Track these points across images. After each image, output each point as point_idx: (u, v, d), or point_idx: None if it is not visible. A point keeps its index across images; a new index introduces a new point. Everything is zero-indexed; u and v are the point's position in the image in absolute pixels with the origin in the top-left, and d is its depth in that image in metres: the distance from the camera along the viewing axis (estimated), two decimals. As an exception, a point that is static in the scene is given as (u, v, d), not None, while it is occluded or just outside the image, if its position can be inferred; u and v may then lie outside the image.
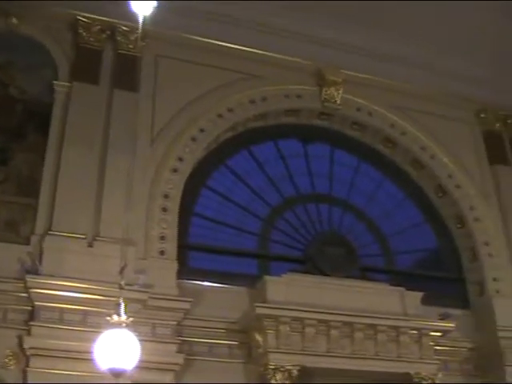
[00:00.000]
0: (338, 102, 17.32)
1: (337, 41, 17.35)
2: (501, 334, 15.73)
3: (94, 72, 15.48)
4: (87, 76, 15.30)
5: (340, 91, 17.30)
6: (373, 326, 14.47)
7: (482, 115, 18.91)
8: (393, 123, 17.82)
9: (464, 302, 16.89)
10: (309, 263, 15.82)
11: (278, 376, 13.42)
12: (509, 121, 19.05)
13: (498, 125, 18.94)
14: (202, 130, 15.86)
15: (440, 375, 14.69)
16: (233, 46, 16.81)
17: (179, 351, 13.35)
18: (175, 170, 15.15)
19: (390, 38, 17.38)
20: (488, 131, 18.83)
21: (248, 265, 15.73)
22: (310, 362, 13.80)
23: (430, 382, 14.43)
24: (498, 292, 16.63)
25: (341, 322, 14.24)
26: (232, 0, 16.34)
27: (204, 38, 16.56)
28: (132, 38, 15.78)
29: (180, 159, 15.31)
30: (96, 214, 13.88)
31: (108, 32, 15.92)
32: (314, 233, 16.54)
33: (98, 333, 9.53)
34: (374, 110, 17.67)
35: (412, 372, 14.43)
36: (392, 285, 15.64)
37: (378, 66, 17.66)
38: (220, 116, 16.18)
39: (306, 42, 17.26)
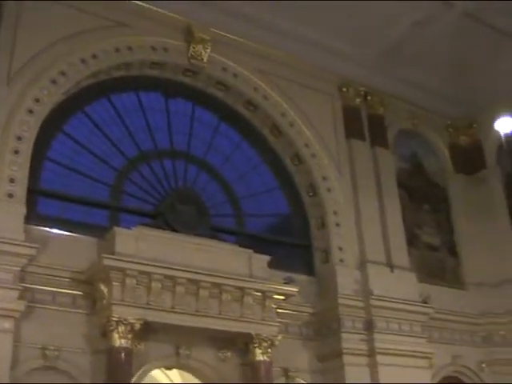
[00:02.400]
0: (205, 60, 17.18)
1: (209, -1, 17.21)
2: (340, 301, 16.36)
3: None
4: None
5: (208, 49, 17.16)
6: (218, 285, 14.64)
7: (344, 89, 19.35)
8: (256, 87, 17.89)
9: (309, 269, 17.42)
10: (160, 218, 15.73)
11: (121, 329, 13.32)
12: (369, 97, 19.62)
13: (358, 100, 19.46)
14: (62, 74, 15.27)
15: (280, 337, 15.08)
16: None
17: (21, 298, 12.97)
18: (31, 112, 14.52)
19: (262, 4, 17.32)
20: (348, 106, 19.31)
21: (99, 215, 15.47)
22: (154, 316, 13.80)
23: (269, 343, 14.80)
24: (341, 261, 17.23)
25: (187, 279, 14.30)
26: None
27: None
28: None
29: (37, 100, 14.68)
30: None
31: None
32: (167, 188, 16.47)
33: None
34: (239, 72, 17.67)
35: (253, 333, 14.75)
36: (241, 246, 15.85)
37: (248, 30, 17.68)
38: (83, 61, 15.63)
39: (178, -4, 17.00)
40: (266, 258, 15.68)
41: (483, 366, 18.60)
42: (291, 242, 17.69)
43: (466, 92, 20.61)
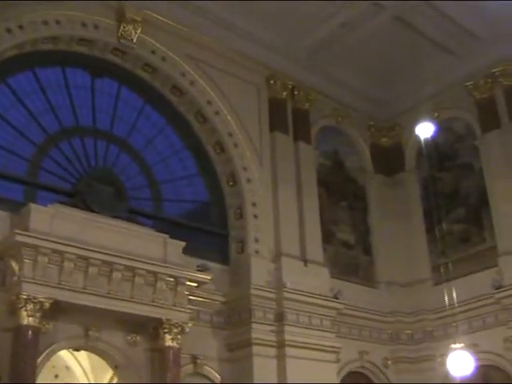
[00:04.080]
0: (134, 40, 16.95)
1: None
2: (253, 291, 16.48)
3: None
4: None
5: (138, 31, 16.92)
6: (131, 269, 14.54)
7: (272, 82, 19.40)
8: (184, 72, 17.79)
9: (224, 257, 17.47)
10: (77, 197, 15.47)
11: (29, 307, 13.08)
12: (295, 92, 19.74)
13: (284, 94, 19.54)
14: (-14, 42, 14.88)
15: (190, 324, 15.10)
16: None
17: None
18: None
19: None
20: (274, 98, 19.39)
21: (14, 190, 15.09)
22: (65, 296, 13.62)
23: (179, 329, 14.78)
24: (257, 252, 17.36)
25: (100, 260, 14.15)
26: None
27: None
28: None
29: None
30: None
31: None
32: (87, 167, 16.25)
33: None
34: (168, 56, 17.51)
35: (164, 318, 14.71)
36: (157, 231, 15.74)
37: (180, 14, 17.53)
38: (9, 31, 15.22)
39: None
40: (182, 244, 15.63)
41: (388, 362, 19.04)
42: (208, 230, 17.68)
43: (390, 94, 21.02)
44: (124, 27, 16.81)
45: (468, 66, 19.68)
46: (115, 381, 15.58)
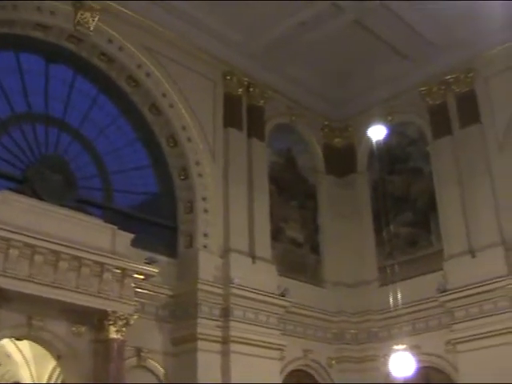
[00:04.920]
0: (91, 28, 16.73)
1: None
2: (200, 286, 16.46)
3: None
4: None
5: (95, 18, 16.71)
6: (78, 259, 14.40)
7: (228, 77, 19.36)
8: (140, 64, 17.65)
9: (173, 251, 17.41)
10: (27, 185, 15.27)
11: (-28, 294, 12.89)
12: (251, 89, 19.75)
13: (240, 90, 19.54)
14: None
15: (136, 316, 15.00)
16: None
17: None
18: None
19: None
20: (229, 94, 19.36)
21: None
22: (9, 284, 13.39)
23: (124, 321, 14.69)
24: (205, 247, 17.34)
25: (47, 249, 13.97)
26: None
27: None
28: None
29: None
30: None
31: None
32: (37, 154, 16.03)
33: None
34: (125, 46, 17.35)
35: (109, 310, 14.60)
36: (106, 222, 15.61)
37: (139, 5, 17.38)
38: (-37, 13, 14.98)
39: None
40: (130, 236, 15.54)
41: (332, 362, 19.18)
42: (157, 223, 17.60)
43: (345, 95, 21.15)
44: (81, 14, 16.58)
45: (423, 71, 19.93)
46: (57, 371, 15.43)
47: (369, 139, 19.30)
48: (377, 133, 17.18)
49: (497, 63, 18.99)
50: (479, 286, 17.47)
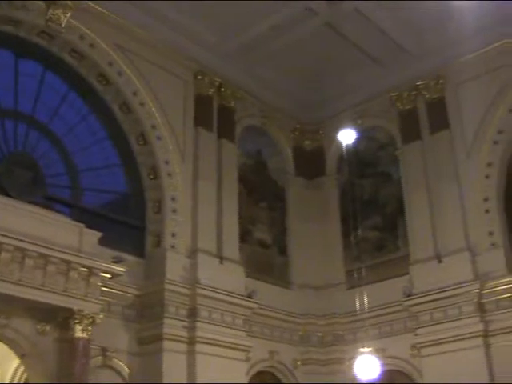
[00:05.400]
0: (63, 25, 16.58)
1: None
2: (167, 286, 16.39)
3: None
4: None
5: (67, 15, 16.56)
6: (44, 256, 14.27)
7: (199, 77, 19.29)
8: (112, 62, 17.53)
9: (140, 251, 17.31)
10: (-6, 181, 15.13)
11: None
12: (222, 89, 19.70)
13: (211, 90, 19.49)
14: None
15: (102, 316, 14.90)
16: None
17: None
18: None
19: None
20: (201, 94, 19.30)
21: None
22: (-27, 281, 13.27)
23: (90, 320, 14.60)
24: (173, 247, 17.27)
25: (13, 246, 13.81)
26: None
27: None
28: None
29: None
30: None
31: None
32: (5, 151, 15.84)
33: None
34: (96, 43, 17.21)
35: (75, 308, 14.50)
36: (74, 220, 15.51)
37: (112, 2, 17.23)
38: None
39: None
40: (98, 235, 15.43)
41: (298, 363, 19.22)
42: (125, 222, 17.50)
43: (316, 98, 21.21)
44: (53, 10, 16.43)
45: (394, 77, 20.04)
46: (21, 370, 15.28)
47: (338, 142, 19.32)
48: (347, 136, 17.19)
49: (467, 71, 19.17)
50: (444, 291, 17.63)
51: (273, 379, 18.91)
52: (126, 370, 15.98)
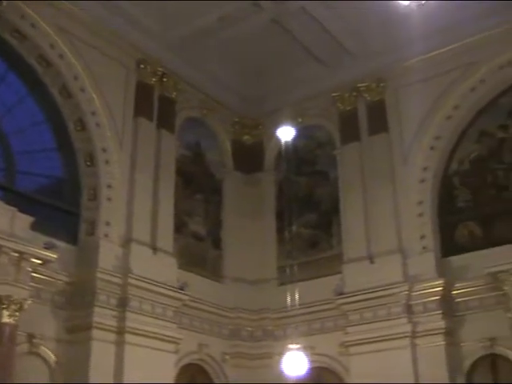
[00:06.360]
0: (4, 4, 16.19)
1: None
2: (98, 274, 16.22)
3: None
4: None
5: (9, -6, 16.29)
6: (-26, 241, 13.97)
7: (142, 66, 19.09)
8: (53, 44, 17.18)
9: (73, 237, 17.05)
10: None
11: None
12: (164, 79, 19.53)
13: (153, 79, 19.31)
14: None
15: (30, 302, 14.65)
16: None
17: None
18: None
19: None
20: (142, 83, 19.10)
21: None
22: None
23: (18, 306, 14.33)
24: (106, 236, 17.08)
25: None
26: None
27: None
28: None
29: None
30: None
31: None
32: None
33: None
34: (38, 24, 16.85)
35: (2, 294, 14.19)
36: (6, 203, 15.16)
37: (56, -17, 16.98)
38: None
39: None
40: (30, 219, 15.12)
41: (226, 357, 19.25)
42: (59, 208, 17.21)
43: (258, 93, 21.25)
44: (-5, -12, 16.10)
45: (336, 77, 20.20)
46: None
47: (277, 139, 19.39)
48: (286, 133, 17.24)
49: (408, 75, 19.43)
50: (375, 291, 17.88)
51: (201, 372, 18.90)
52: (52, 357, 15.74)
